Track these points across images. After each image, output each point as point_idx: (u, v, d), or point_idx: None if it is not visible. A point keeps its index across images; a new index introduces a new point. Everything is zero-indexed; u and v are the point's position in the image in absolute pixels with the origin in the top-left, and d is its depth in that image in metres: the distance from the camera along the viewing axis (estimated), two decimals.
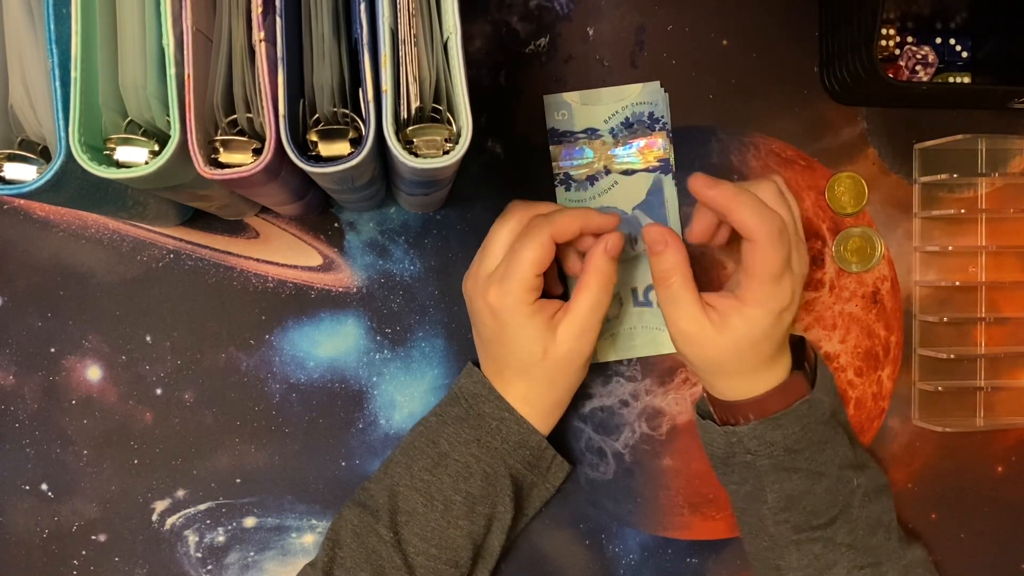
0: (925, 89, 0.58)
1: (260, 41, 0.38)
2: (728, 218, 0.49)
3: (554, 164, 0.59)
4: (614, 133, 0.59)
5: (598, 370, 0.60)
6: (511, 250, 0.50)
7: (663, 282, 0.50)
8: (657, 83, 0.59)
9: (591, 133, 0.59)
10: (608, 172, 0.59)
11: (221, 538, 0.58)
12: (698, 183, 0.50)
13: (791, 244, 0.49)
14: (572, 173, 0.59)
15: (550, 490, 0.56)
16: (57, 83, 0.39)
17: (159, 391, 0.57)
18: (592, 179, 0.59)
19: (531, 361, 0.51)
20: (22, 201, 0.56)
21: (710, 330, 0.49)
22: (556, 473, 0.56)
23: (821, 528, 0.52)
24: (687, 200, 0.59)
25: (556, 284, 0.57)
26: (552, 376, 0.52)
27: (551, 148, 0.59)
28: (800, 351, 0.55)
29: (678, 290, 0.50)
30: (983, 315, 0.60)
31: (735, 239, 0.52)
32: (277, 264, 0.58)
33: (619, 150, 0.59)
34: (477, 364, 0.55)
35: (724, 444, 0.53)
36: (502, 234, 0.52)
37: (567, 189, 0.59)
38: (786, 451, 0.51)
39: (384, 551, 0.51)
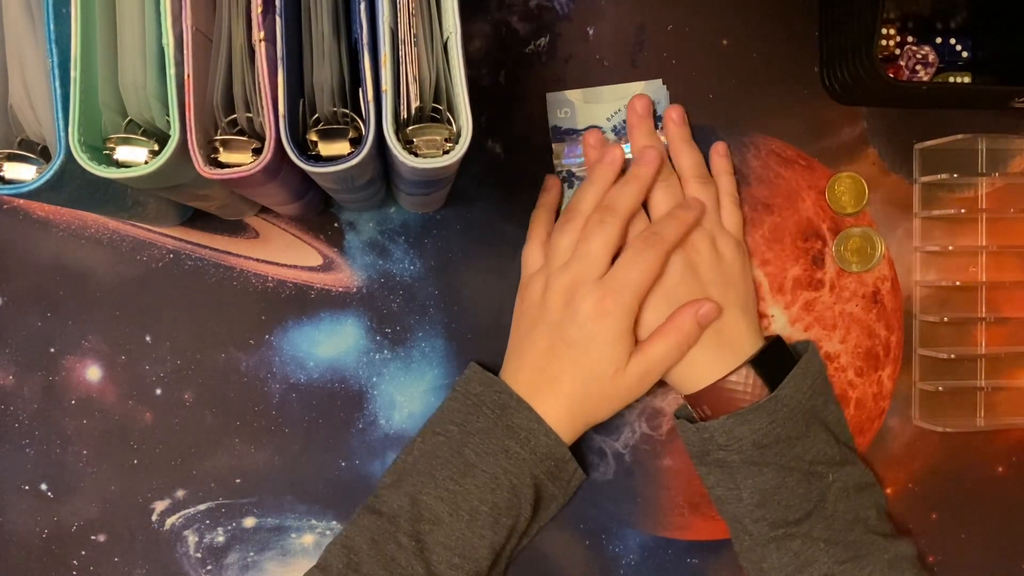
0: (925, 89, 0.58)
1: (260, 41, 0.38)
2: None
3: (556, 162, 0.59)
4: (616, 131, 0.59)
5: None
6: (621, 265, 0.52)
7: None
8: (659, 81, 0.59)
9: None
10: None
11: (221, 538, 0.58)
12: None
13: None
14: (575, 171, 0.59)
15: (565, 500, 0.56)
16: (57, 83, 0.39)
17: (159, 391, 0.57)
18: None
19: (598, 376, 0.51)
20: (22, 201, 0.56)
21: None
22: (573, 484, 0.56)
23: (797, 524, 0.52)
24: None
25: None
26: (606, 397, 0.52)
27: (554, 146, 0.59)
28: (783, 353, 0.56)
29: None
30: (983, 315, 0.60)
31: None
32: (277, 264, 0.58)
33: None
34: (480, 364, 0.55)
35: (698, 441, 0.54)
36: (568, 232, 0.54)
37: (570, 187, 0.59)
38: (755, 446, 0.52)
39: (403, 558, 0.50)
